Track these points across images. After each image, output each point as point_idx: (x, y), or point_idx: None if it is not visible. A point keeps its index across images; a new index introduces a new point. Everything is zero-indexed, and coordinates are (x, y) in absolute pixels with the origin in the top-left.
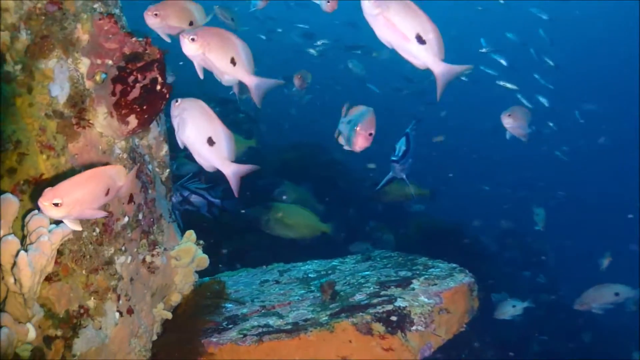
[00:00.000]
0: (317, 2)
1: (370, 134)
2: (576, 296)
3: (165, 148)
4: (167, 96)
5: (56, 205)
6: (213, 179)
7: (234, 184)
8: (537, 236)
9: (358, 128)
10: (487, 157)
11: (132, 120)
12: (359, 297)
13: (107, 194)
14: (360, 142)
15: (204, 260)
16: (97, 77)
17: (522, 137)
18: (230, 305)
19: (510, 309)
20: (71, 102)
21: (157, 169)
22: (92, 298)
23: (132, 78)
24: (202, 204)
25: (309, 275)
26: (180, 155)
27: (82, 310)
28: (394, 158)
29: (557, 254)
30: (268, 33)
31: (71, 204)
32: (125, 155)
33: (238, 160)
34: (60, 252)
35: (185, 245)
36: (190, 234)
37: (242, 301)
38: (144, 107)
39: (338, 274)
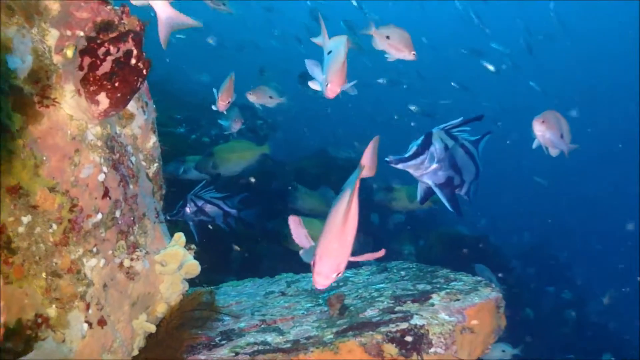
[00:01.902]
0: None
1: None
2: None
3: (153, 139)
4: (145, 72)
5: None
6: (227, 188)
7: (162, 30)
8: (562, 250)
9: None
10: (508, 165)
11: (103, 100)
12: (370, 312)
13: None
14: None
15: (193, 267)
16: (68, 52)
17: (553, 148)
18: (228, 318)
19: (499, 353)
20: (34, 77)
21: (142, 163)
22: (54, 306)
23: (102, 50)
24: (217, 214)
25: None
26: (187, 159)
27: (39, 320)
28: (387, 159)
29: (584, 268)
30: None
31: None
32: (100, 143)
33: (251, 168)
34: (12, 251)
35: (172, 249)
36: (179, 237)
37: (237, 314)
38: (116, 84)
39: (350, 286)
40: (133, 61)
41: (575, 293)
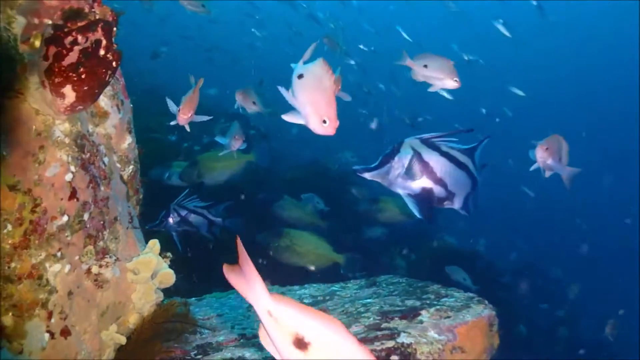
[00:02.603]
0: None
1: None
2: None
3: (128, 140)
4: (114, 64)
5: None
6: (212, 196)
7: None
8: (555, 265)
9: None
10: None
11: (69, 93)
12: (355, 329)
13: None
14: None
15: (168, 276)
16: (36, 41)
17: (551, 171)
18: (206, 331)
19: None
20: None
21: (117, 164)
22: (10, 314)
23: (69, 39)
24: (202, 224)
25: (304, 300)
26: (173, 164)
27: None
28: (354, 168)
29: (578, 285)
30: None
31: None
32: (68, 140)
33: (237, 176)
34: None
35: (145, 257)
36: (154, 244)
37: (214, 327)
38: (83, 76)
39: (336, 301)
40: (102, 52)
41: (568, 310)
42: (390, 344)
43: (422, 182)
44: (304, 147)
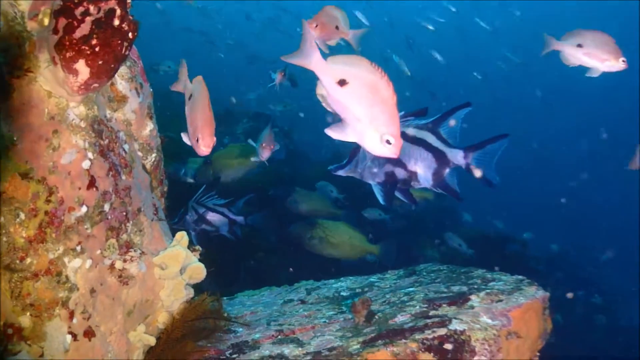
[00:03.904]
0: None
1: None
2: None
3: (150, 126)
4: (130, 35)
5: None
6: (230, 193)
7: None
8: (590, 251)
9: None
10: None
11: (82, 69)
12: (401, 318)
13: None
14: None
15: (198, 271)
16: (44, 18)
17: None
18: (241, 329)
19: None
20: (2, 45)
21: (138, 152)
22: (28, 314)
23: (80, 10)
24: (222, 223)
25: (341, 293)
26: (189, 160)
27: (9, 331)
28: (329, 168)
29: (614, 272)
30: None
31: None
32: (84, 125)
33: (252, 174)
34: None
35: (173, 250)
36: (182, 237)
37: (248, 323)
38: (96, 49)
39: (376, 292)
40: (116, 22)
41: (605, 297)
42: (442, 331)
43: (385, 168)
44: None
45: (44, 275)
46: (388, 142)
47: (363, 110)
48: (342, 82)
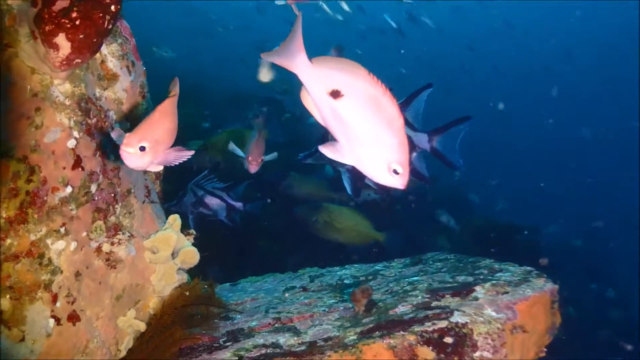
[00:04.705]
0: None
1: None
2: None
3: (143, 106)
4: (113, 8)
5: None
6: (232, 177)
7: None
8: (603, 242)
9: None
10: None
11: (63, 43)
12: (402, 309)
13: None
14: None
15: (191, 255)
16: None
17: None
18: (239, 316)
19: None
20: None
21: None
22: (8, 296)
23: None
24: (220, 208)
25: (345, 281)
26: (189, 143)
27: None
28: (299, 157)
29: (630, 265)
30: None
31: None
32: (69, 102)
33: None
34: None
35: (164, 234)
36: (175, 220)
37: (241, 310)
38: (77, 22)
39: (380, 280)
40: None
41: (619, 291)
42: (442, 324)
43: None
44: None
45: (25, 257)
46: (395, 171)
47: (364, 132)
48: (335, 94)
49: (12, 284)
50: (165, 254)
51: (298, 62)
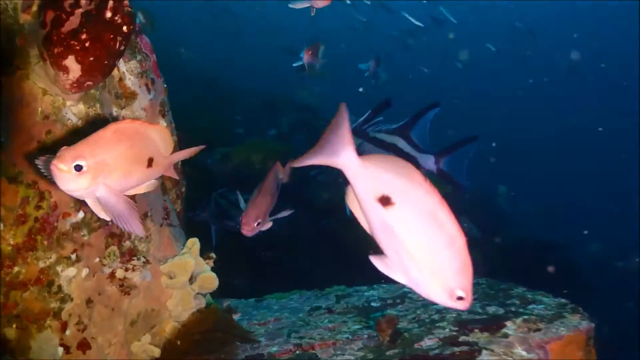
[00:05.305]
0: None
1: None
2: None
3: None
4: (125, 29)
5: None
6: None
7: None
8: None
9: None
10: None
11: (73, 65)
12: (428, 342)
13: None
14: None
15: (210, 280)
16: (36, 8)
17: None
18: (262, 338)
19: None
20: None
21: None
22: (14, 325)
23: (69, 1)
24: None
25: (371, 304)
26: (215, 150)
27: None
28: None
29: None
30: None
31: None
32: (82, 124)
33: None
34: None
35: (181, 259)
36: (193, 244)
37: (255, 338)
38: (86, 44)
39: (407, 305)
40: (108, 14)
41: None
42: None
43: None
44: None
45: (34, 285)
46: (459, 298)
47: (419, 250)
48: (385, 200)
49: (19, 313)
50: (183, 279)
51: (345, 159)
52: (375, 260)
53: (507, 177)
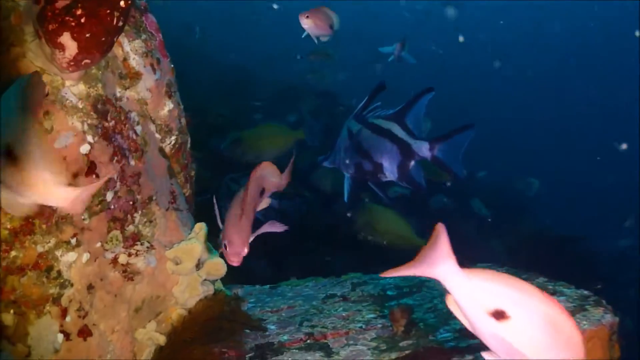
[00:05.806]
0: None
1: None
2: None
3: (169, 106)
4: (123, 4)
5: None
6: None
7: None
8: None
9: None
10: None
11: (69, 43)
12: (443, 334)
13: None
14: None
15: (217, 267)
16: None
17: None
18: (272, 326)
19: None
20: None
21: (156, 135)
22: (12, 311)
23: None
24: None
25: (387, 292)
26: (229, 134)
27: None
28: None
29: None
30: None
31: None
32: (82, 105)
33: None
34: None
35: (187, 244)
36: (201, 228)
37: (263, 327)
38: (82, 20)
39: (424, 294)
40: None
41: None
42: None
43: (355, 160)
44: None
45: (32, 270)
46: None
47: (540, 356)
48: (498, 315)
49: (17, 298)
50: (189, 265)
51: (446, 271)
52: (487, 356)
53: (537, 167)
